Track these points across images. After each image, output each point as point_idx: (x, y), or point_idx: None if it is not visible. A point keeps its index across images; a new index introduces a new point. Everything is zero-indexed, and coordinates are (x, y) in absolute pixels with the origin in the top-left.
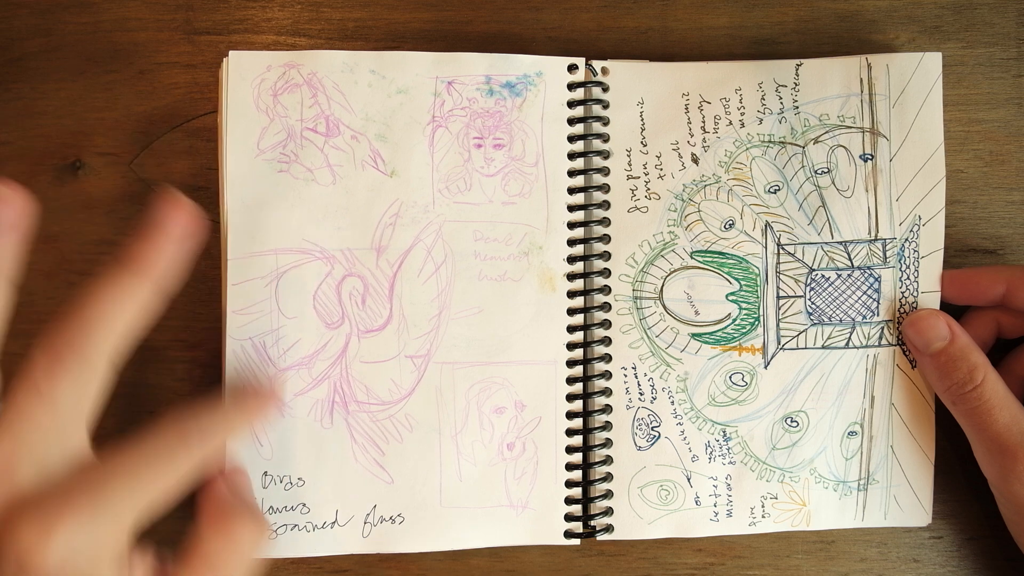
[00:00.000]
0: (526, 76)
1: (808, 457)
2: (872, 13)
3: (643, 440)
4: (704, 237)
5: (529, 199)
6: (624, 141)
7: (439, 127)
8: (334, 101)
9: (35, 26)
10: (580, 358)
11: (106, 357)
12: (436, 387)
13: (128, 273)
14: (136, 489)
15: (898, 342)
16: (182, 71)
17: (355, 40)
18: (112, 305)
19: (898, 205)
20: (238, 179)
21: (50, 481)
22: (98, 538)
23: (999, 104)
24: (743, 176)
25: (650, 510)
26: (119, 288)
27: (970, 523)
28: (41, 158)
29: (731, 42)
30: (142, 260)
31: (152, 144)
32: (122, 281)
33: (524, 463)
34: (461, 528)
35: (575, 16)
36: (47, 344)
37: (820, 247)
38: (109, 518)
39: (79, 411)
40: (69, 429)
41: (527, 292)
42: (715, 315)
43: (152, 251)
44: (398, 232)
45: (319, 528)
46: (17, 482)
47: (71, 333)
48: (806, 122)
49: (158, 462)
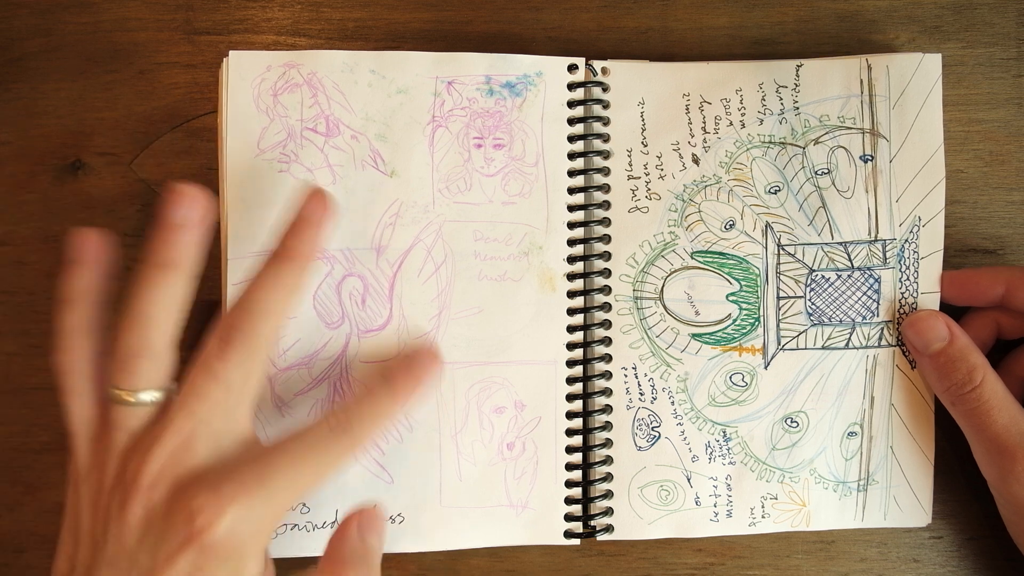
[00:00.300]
0: (526, 76)
1: (808, 457)
2: (872, 13)
3: (643, 440)
4: (704, 237)
5: (529, 199)
6: (625, 141)
7: (439, 127)
8: (334, 101)
9: (35, 26)
10: (580, 358)
11: (267, 340)
12: (436, 387)
13: (279, 261)
14: (299, 475)
15: (898, 343)
16: (182, 71)
17: (355, 40)
18: (269, 292)
19: (898, 206)
20: (238, 179)
21: (222, 457)
22: (261, 517)
23: (999, 104)
24: (743, 177)
25: (650, 510)
26: (274, 276)
27: (970, 523)
28: (41, 158)
29: (731, 42)
30: (291, 249)
31: (152, 144)
32: (276, 269)
33: (524, 463)
34: (461, 528)
35: (575, 16)
36: (219, 331)
37: (820, 248)
38: (273, 500)
39: (247, 390)
40: (240, 408)
41: (527, 292)
42: (715, 315)
43: (298, 240)
44: (398, 232)
45: (319, 528)
46: (195, 455)
47: (238, 320)
48: (806, 123)
49: (316, 454)
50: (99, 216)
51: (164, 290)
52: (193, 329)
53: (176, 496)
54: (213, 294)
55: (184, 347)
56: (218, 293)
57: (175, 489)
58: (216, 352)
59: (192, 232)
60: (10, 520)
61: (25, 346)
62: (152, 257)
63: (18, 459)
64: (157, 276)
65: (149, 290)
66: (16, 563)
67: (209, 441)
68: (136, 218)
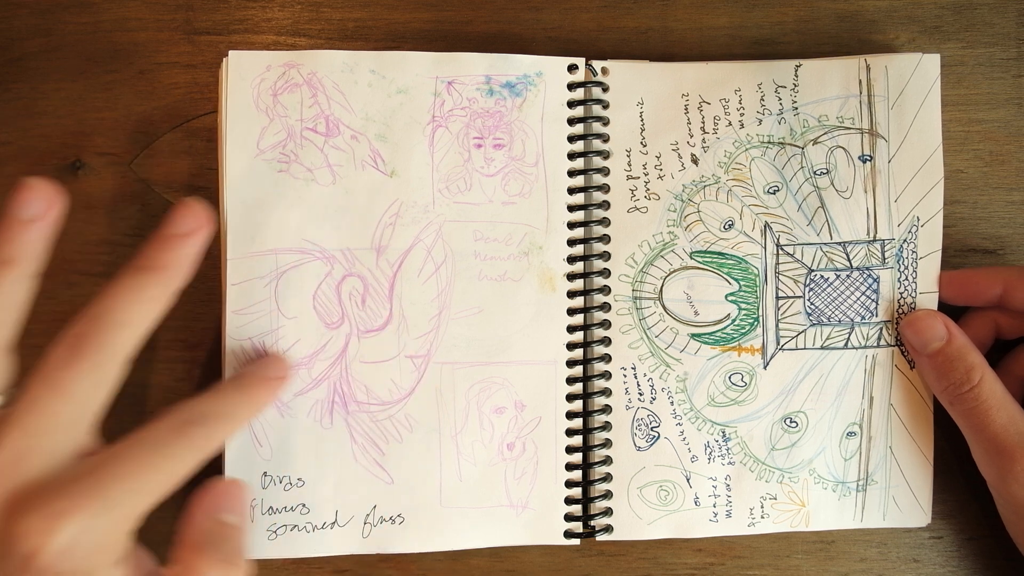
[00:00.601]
0: (526, 76)
1: (807, 458)
2: (872, 13)
3: (643, 440)
4: (703, 237)
5: (529, 199)
6: (624, 141)
7: (439, 127)
8: (334, 101)
9: (35, 26)
10: (580, 358)
11: (121, 353)
12: (436, 387)
13: (142, 272)
14: (140, 482)
15: (896, 343)
16: (182, 71)
17: (355, 40)
18: (127, 303)
19: (896, 206)
20: (238, 179)
21: (58, 472)
22: (100, 530)
23: (999, 104)
24: (742, 177)
25: (649, 510)
26: (134, 287)
27: (970, 523)
28: (41, 158)
29: (731, 42)
30: (155, 259)
31: (152, 144)
32: (136, 280)
33: (524, 463)
34: (461, 528)
35: (575, 16)
36: (65, 339)
37: (819, 248)
38: (116, 510)
39: (92, 404)
40: (80, 422)
41: (527, 292)
42: (714, 315)
43: (164, 250)
44: (398, 232)
45: (319, 528)
46: (25, 472)
47: (88, 329)
48: (805, 123)
49: (161, 455)
50: (99, 216)
51: (5, 283)
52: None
53: (5, 519)
54: (213, 294)
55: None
56: (218, 293)
57: (5, 511)
58: (61, 362)
59: (33, 228)
60: None
61: (25, 346)
62: None
63: None
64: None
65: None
66: None
67: (44, 457)
68: (136, 218)
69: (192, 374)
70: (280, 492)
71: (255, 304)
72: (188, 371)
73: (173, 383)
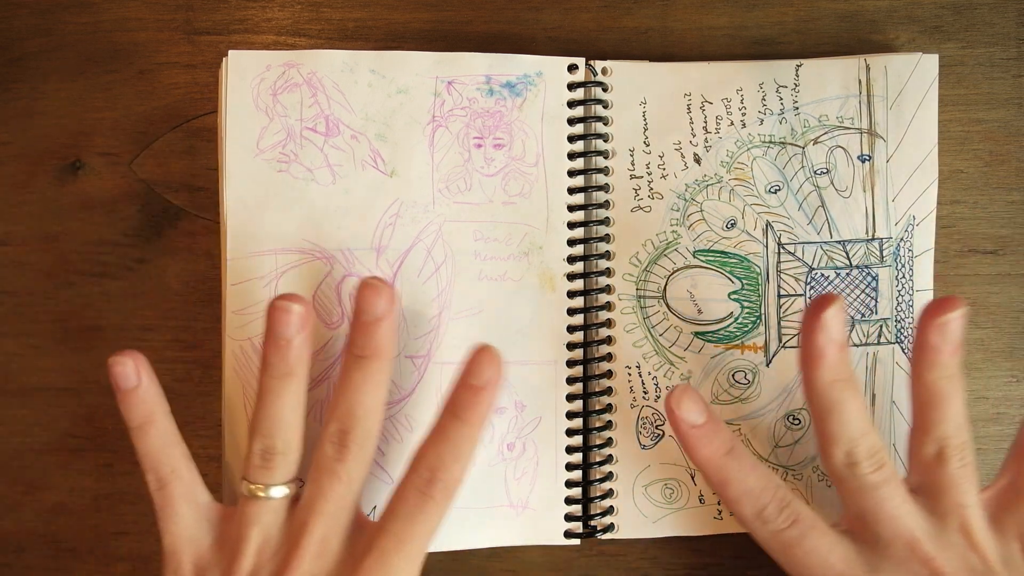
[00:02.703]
0: (526, 76)
1: (811, 455)
2: (872, 13)
3: (647, 439)
4: (706, 236)
5: (529, 199)
6: (627, 141)
7: (439, 127)
8: (334, 101)
9: (35, 26)
10: (580, 358)
11: (375, 435)
12: (436, 387)
13: (367, 361)
14: (411, 548)
15: (896, 340)
16: (182, 71)
17: (355, 40)
18: (368, 394)
19: (894, 205)
20: (238, 179)
21: (350, 549)
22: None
23: (999, 104)
24: (744, 176)
25: (654, 508)
26: (368, 376)
27: None
28: (41, 158)
29: (731, 42)
30: (367, 347)
31: (152, 144)
32: (366, 369)
33: (524, 463)
34: (461, 528)
35: (575, 16)
36: (331, 437)
37: (819, 246)
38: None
39: (362, 482)
40: (357, 499)
41: (527, 292)
42: (718, 314)
43: (370, 337)
44: (398, 232)
45: None
46: (331, 554)
47: (348, 424)
48: (806, 123)
49: (418, 518)
50: (99, 216)
51: (291, 392)
52: None
53: None
54: (213, 294)
55: None
56: (218, 293)
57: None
58: (335, 455)
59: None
60: (10, 520)
61: (25, 346)
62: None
63: (18, 459)
64: (282, 384)
65: (277, 394)
66: (16, 563)
67: (340, 538)
68: (136, 218)
69: (192, 374)
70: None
71: (255, 304)
72: (188, 371)
73: (173, 383)
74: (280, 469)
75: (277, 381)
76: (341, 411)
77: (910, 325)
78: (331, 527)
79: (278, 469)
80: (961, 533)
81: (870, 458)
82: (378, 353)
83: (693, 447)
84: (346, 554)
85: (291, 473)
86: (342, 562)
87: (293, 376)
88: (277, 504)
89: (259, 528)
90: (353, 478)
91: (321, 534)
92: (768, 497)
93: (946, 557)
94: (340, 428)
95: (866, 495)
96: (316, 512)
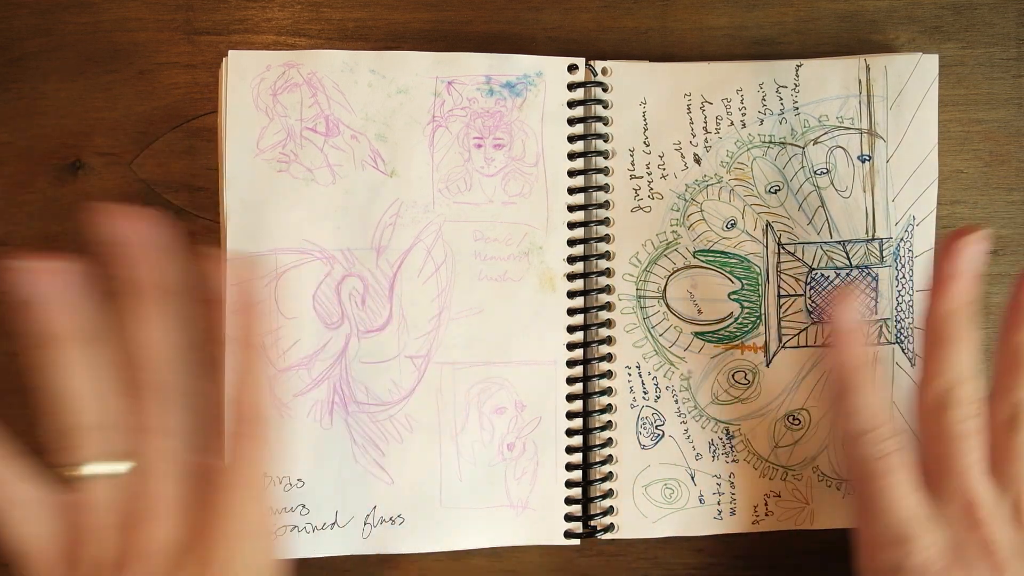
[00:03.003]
0: (526, 76)
1: (810, 455)
2: (872, 13)
3: (647, 439)
4: (706, 237)
5: (529, 199)
6: (627, 141)
7: (439, 127)
8: (334, 101)
9: (35, 26)
10: (580, 358)
11: (168, 375)
12: (436, 387)
13: (141, 298)
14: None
15: (896, 340)
16: (182, 71)
17: (355, 40)
18: (148, 334)
19: (894, 205)
20: (238, 179)
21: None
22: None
23: (999, 104)
24: (744, 176)
25: (654, 509)
26: (144, 314)
27: None
28: (41, 158)
29: (731, 42)
30: (144, 279)
31: (152, 144)
32: (142, 308)
33: (524, 463)
34: (461, 528)
35: (575, 16)
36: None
37: (819, 247)
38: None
39: (182, 429)
40: (184, 448)
41: (527, 292)
42: (718, 314)
43: (145, 268)
44: (398, 232)
45: (319, 529)
46: (181, 506)
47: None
48: (806, 123)
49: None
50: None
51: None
52: None
53: None
54: None
55: None
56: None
57: None
58: (152, 413)
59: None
60: None
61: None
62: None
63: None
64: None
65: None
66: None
67: (184, 489)
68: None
69: (192, 374)
70: (280, 493)
71: (255, 304)
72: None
73: None
74: (95, 445)
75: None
76: (129, 361)
77: (910, 325)
78: (169, 484)
79: (93, 445)
80: (1014, 508)
81: (966, 405)
82: (151, 286)
83: (843, 345)
84: (198, 502)
85: (111, 447)
86: (197, 510)
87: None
88: (107, 481)
89: (99, 509)
90: (169, 427)
91: (161, 492)
92: (885, 418)
93: (997, 527)
94: (131, 380)
95: (947, 443)
96: (147, 474)
